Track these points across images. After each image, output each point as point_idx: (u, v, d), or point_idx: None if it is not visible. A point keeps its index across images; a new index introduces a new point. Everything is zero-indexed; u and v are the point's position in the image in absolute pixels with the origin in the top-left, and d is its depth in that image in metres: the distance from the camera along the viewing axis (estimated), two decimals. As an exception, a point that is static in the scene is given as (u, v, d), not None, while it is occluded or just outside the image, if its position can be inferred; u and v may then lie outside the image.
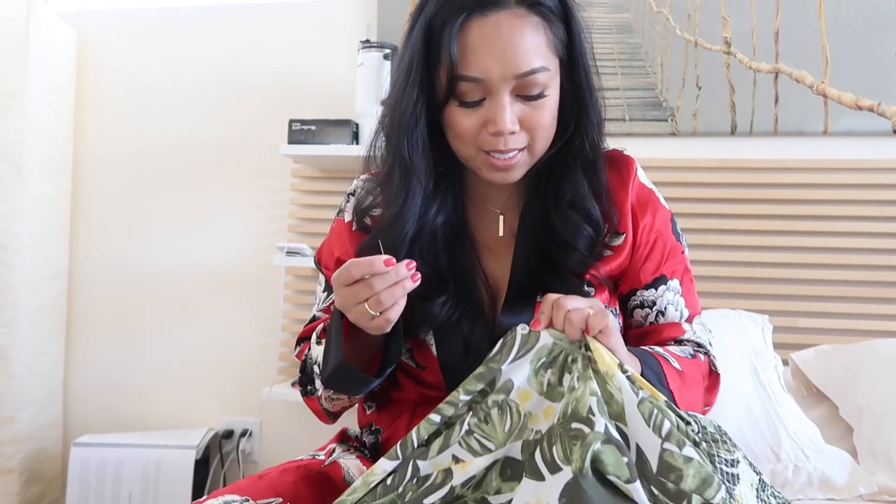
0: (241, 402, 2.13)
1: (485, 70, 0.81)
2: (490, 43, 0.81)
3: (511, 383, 0.77)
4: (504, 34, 0.81)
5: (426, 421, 0.77)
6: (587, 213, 0.90)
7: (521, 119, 0.84)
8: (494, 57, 0.81)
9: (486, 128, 0.84)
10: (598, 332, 0.76)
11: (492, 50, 0.81)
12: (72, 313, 2.23)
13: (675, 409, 0.75)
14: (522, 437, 0.75)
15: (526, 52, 0.81)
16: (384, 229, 0.91)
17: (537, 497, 0.69)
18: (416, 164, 0.88)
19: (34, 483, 2.03)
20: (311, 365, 0.94)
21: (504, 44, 0.81)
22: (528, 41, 0.81)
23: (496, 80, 0.82)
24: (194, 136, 2.19)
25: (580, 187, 0.90)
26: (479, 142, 0.86)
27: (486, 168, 0.88)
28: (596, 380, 0.74)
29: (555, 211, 0.91)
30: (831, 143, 1.87)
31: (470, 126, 0.85)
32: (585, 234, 0.90)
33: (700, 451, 0.72)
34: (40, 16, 2.00)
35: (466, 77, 0.82)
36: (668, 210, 0.99)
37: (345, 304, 0.80)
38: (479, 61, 0.81)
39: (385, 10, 2.06)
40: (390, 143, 0.90)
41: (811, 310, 1.84)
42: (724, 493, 0.69)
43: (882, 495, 1.34)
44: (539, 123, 0.85)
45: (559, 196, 0.91)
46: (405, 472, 0.75)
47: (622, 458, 0.69)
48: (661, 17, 1.95)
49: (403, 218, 0.89)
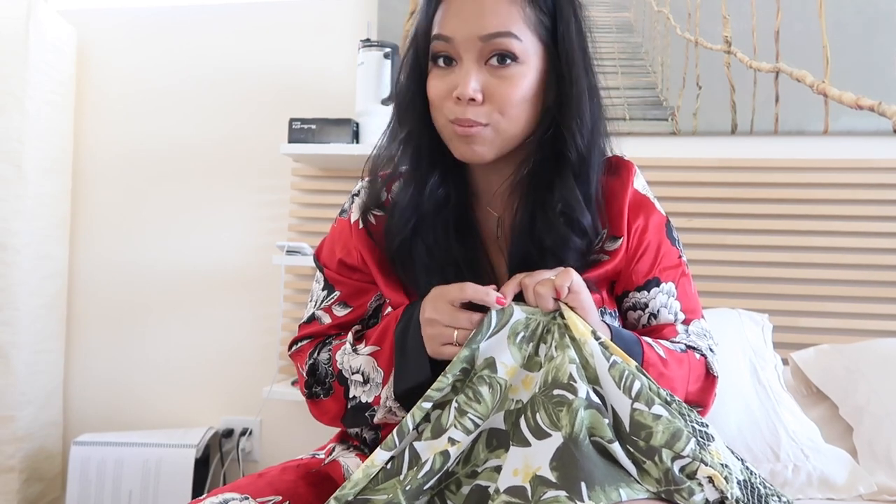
0: (241, 401, 2.13)
1: (453, 29, 0.85)
2: (463, 4, 0.85)
3: (492, 359, 0.79)
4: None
5: (417, 408, 0.78)
6: (577, 224, 0.89)
7: (485, 89, 0.85)
8: (463, 17, 0.85)
9: (453, 95, 0.86)
10: (569, 292, 0.79)
11: (462, 10, 0.85)
12: (72, 312, 2.23)
13: (645, 374, 0.77)
14: (504, 408, 0.78)
15: (494, 16, 0.84)
16: (396, 210, 0.92)
17: (525, 462, 0.71)
18: (420, 135, 0.91)
19: (34, 482, 2.03)
20: (351, 374, 0.92)
21: (475, 6, 0.84)
22: (500, 7, 0.84)
23: (462, 39, 0.85)
24: (194, 134, 2.19)
25: (570, 196, 0.88)
26: (445, 110, 0.87)
27: (455, 140, 0.88)
28: (573, 346, 0.77)
29: (542, 220, 0.89)
30: (832, 143, 1.87)
31: (440, 91, 0.87)
32: (573, 247, 0.88)
33: (671, 409, 0.74)
34: (40, 14, 2.00)
35: (438, 35, 0.86)
36: (663, 215, 0.99)
37: (440, 320, 0.81)
38: (451, 20, 0.85)
39: (385, 8, 2.06)
40: (398, 118, 0.94)
41: (811, 310, 1.84)
42: (694, 445, 0.71)
43: (882, 495, 1.34)
44: (505, 97, 0.85)
45: (548, 204, 0.89)
46: (403, 457, 0.76)
47: (603, 419, 0.72)
48: (661, 16, 1.95)
49: (415, 183, 0.92)
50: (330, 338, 1.00)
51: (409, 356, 0.86)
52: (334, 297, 1.00)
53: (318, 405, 0.98)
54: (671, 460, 0.71)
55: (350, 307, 0.99)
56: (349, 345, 0.93)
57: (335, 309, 1.00)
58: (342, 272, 0.99)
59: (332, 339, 0.99)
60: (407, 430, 0.77)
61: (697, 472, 0.70)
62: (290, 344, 1.04)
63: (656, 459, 0.71)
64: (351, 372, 0.92)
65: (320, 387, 0.97)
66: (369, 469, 0.76)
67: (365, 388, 0.91)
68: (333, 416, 0.97)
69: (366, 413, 0.92)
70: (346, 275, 0.99)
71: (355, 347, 0.92)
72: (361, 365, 0.91)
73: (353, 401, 0.92)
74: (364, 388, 0.91)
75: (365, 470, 0.76)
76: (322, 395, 0.97)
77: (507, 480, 0.71)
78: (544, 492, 0.67)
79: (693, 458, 0.71)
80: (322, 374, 0.96)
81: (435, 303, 0.82)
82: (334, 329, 1.00)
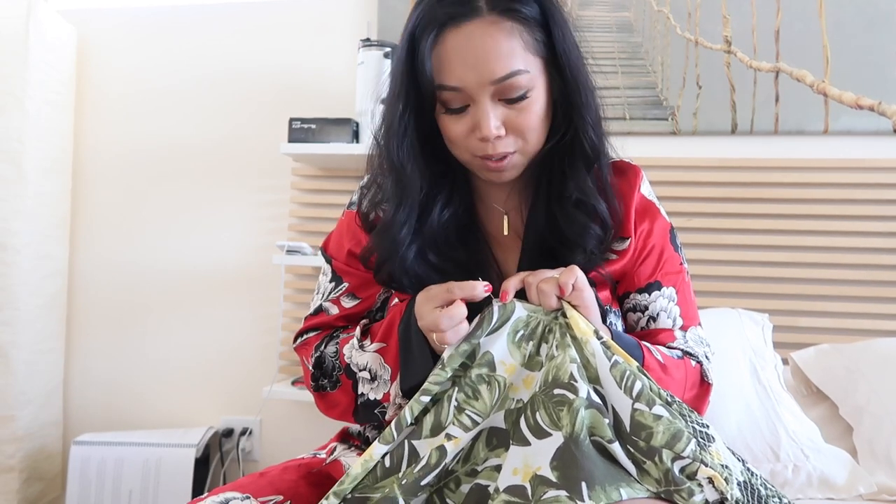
0: (242, 401, 2.13)
1: (461, 79, 0.83)
2: (464, 52, 0.83)
3: (490, 355, 0.79)
4: (476, 43, 0.82)
5: (415, 402, 0.78)
6: (593, 211, 0.91)
7: (506, 122, 0.86)
8: (469, 65, 0.83)
9: (474, 133, 0.86)
10: (572, 290, 0.79)
11: (465, 59, 0.83)
12: (72, 311, 2.23)
13: (646, 375, 0.77)
14: (504, 407, 0.78)
15: (500, 58, 0.82)
16: (381, 231, 0.92)
17: (525, 461, 0.71)
18: (407, 171, 0.90)
19: (34, 481, 2.03)
20: (358, 371, 0.93)
21: (477, 52, 0.82)
22: (502, 47, 0.83)
23: (474, 87, 0.84)
24: (194, 134, 2.19)
25: (584, 184, 0.91)
26: (470, 147, 0.88)
27: (482, 170, 0.90)
28: (574, 346, 0.77)
29: (560, 212, 0.91)
30: (832, 143, 1.87)
31: (459, 132, 0.87)
32: (593, 234, 0.90)
33: (671, 410, 0.74)
34: (40, 14, 2.00)
35: (445, 86, 0.84)
36: (667, 222, 1.00)
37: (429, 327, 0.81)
38: (456, 70, 0.83)
39: (385, 8, 2.06)
40: (382, 149, 0.93)
41: (811, 309, 1.84)
42: (695, 446, 0.71)
43: (882, 495, 1.34)
44: (526, 125, 0.86)
45: (564, 196, 0.91)
46: (402, 453, 0.76)
47: (603, 419, 0.72)
48: (661, 15, 1.95)
49: (399, 221, 0.90)
50: (337, 331, 1.00)
51: (414, 353, 0.86)
52: (342, 289, 1.01)
53: (326, 398, 0.98)
54: (671, 461, 0.71)
55: (358, 298, 1.00)
56: (356, 340, 0.93)
57: (343, 300, 1.00)
58: (350, 263, 1.00)
59: (339, 332, 1.00)
60: (405, 423, 0.77)
61: (697, 473, 0.70)
62: (295, 336, 1.04)
63: (656, 460, 0.71)
64: (359, 369, 0.92)
65: (327, 379, 0.97)
66: (368, 463, 0.76)
67: (373, 386, 0.91)
68: (343, 409, 0.97)
69: (376, 410, 0.93)
70: (355, 266, 1.00)
71: (362, 343, 0.92)
72: (368, 362, 0.91)
73: (363, 397, 0.93)
74: (372, 385, 0.91)
75: (364, 464, 0.76)
76: (329, 387, 0.97)
77: (506, 479, 0.71)
78: (544, 491, 0.67)
79: (693, 459, 0.71)
80: (329, 367, 0.97)
81: (420, 310, 0.83)
82: (341, 321, 1.00)
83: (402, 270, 0.91)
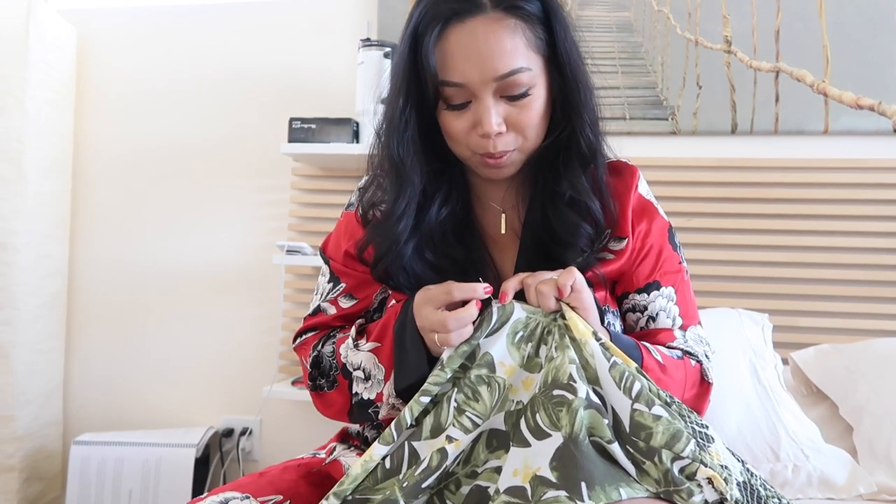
0: (242, 401, 2.13)
1: (464, 75, 0.84)
2: (467, 49, 0.83)
3: (490, 356, 0.79)
4: (480, 39, 0.83)
5: (415, 402, 0.78)
6: (586, 210, 0.91)
7: (507, 119, 0.86)
8: (472, 62, 0.83)
9: (475, 130, 0.87)
10: (571, 291, 0.79)
11: (469, 55, 0.83)
12: (72, 311, 2.23)
13: (645, 375, 0.78)
14: (504, 409, 0.78)
15: (503, 55, 0.83)
16: (379, 225, 0.93)
17: (525, 462, 0.71)
18: (407, 166, 0.90)
19: (34, 481, 2.03)
20: (353, 370, 0.93)
21: (480, 48, 0.83)
22: (505, 44, 0.83)
23: (477, 83, 0.84)
24: (195, 134, 2.19)
25: (578, 182, 0.91)
26: (470, 144, 0.88)
27: (481, 166, 0.91)
28: (573, 347, 0.77)
29: (552, 210, 0.92)
30: (832, 143, 1.87)
31: (460, 128, 0.88)
32: (584, 233, 0.91)
33: (671, 411, 0.74)
34: (40, 14, 2.00)
35: (448, 82, 0.85)
36: (666, 221, 1.00)
37: (428, 327, 0.81)
38: (459, 67, 0.84)
39: (385, 8, 2.06)
40: (382, 146, 0.93)
41: (811, 309, 1.84)
42: (694, 446, 0.72)
43: (881, 495, 1.34)
44: (526, 123, 0.87)
45: (557, 194, 0.92)
46: (402, 455, 0.76)
47: (602, 420, 0.72)
48: (661, 15, 1.95)
49: (396, 215, 0.91)
50: (334, 330, 1.01)
51: (409, 353, 0.86)
52: (340, 289, 1.01)
53: (323, 398, 0.98)
54: (671, 461, 0.71)
55: (356, 299, 1.01)
56: (351, 340, 0.94)
57: (341, 300, 1.01)
58: (348, 264, 1.01)
59: (336, 331, 1.00)
60: (405, 423, 0.77)
61: (697, 474, 0.70)
62: (295, 336, 1.05)
63: (656, 460, 0.71)
64: (353, 368, 0.92)
65: (324, 379, 0.97)
66: (367, 464, 0.76)
67: (367, 385, 0.91)
68: (339, 409, 0.97)
69: (369, 410, 0.93)
70: (352, 266, 1.00)
71: (357, 343, 0.93)
72: (362, 361, 0.91)
73: (357, 397, 0.93)
74: (366, 384, 0.91)
75: (364, 465, 0.76)
76: (326, 387, 0.97)
77: (507, 481, 0.71)
78: (544, 492, 0.67)
79: (693, 460, 0.71)
80: (326, 367, 0.97)
81: (420, 311, 0.83)
82: (339, 320, 1.01)
83: (400, 267, 0.91)
